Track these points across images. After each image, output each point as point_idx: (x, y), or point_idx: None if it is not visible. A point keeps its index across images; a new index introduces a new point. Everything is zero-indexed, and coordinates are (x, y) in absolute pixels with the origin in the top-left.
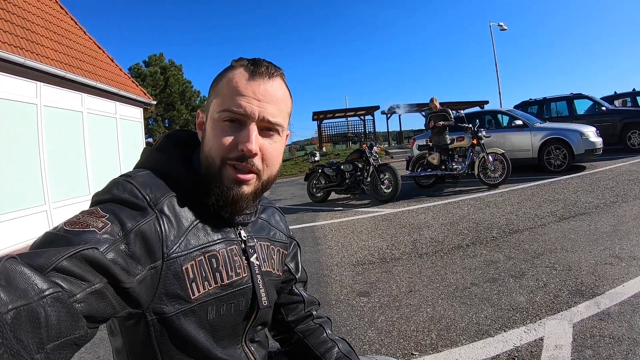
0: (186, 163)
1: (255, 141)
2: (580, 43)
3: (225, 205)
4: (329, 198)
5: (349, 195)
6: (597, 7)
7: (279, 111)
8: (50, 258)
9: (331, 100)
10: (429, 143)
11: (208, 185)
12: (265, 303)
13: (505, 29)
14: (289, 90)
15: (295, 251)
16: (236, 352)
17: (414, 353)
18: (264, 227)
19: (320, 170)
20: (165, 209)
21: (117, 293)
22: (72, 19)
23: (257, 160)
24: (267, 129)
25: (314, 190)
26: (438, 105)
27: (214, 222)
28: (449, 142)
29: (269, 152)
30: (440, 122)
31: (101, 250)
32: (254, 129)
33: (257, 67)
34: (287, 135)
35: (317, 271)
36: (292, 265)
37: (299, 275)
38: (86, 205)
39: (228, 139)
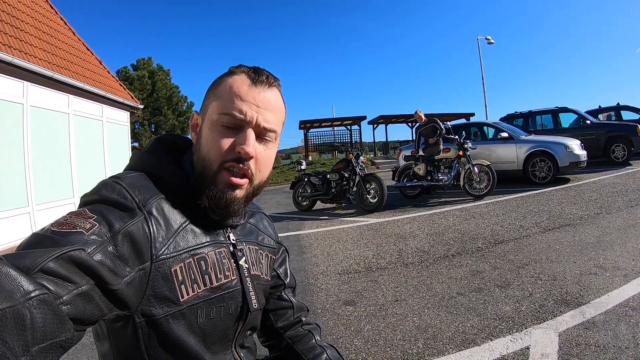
0: (176, 166)
1: (253, 145)
2: (565, 57)
3: (217, 208)
4: (315, 207)
5: (334, 205)
6: (582, 22)
7: (275, 119)
8: (37, 259)
9: (318, 109)
10: (415, 154)
11: (201, 187)
12: (255, 306)
13: (493, 43)
14: (284, 101)
15: (284, 257)
16: (226, 357)
17: None
18: (253, 231)
19: (306, 179)
20: (154, 211)
21: (105, 295)
22: (61, 19)
23: (252, 164)
24: (263, 135)
25: (300, 199)
26: (423, 117)
27: (203, 225)
28: (442, 150)
29: (262, 157)
30: (432, 139)
31: (88, 251)
32: (251, 133)
33: (259, 75)
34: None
35: (303, 280)
36: (280, 271)
37: (287, 280)
38: (70, 208)
39: (226, 142)
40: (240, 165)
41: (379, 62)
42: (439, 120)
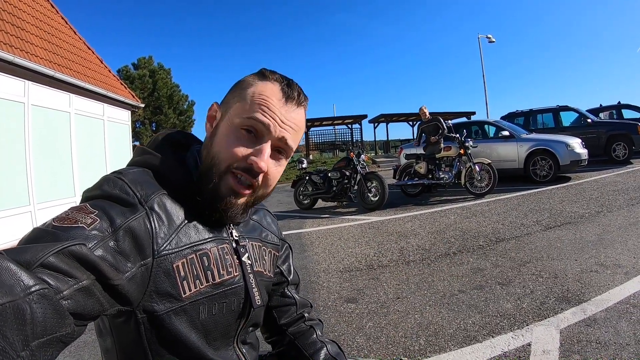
0: (179, 162)
1: (267, 160)
2: (566, 55)
3: (215, 210)
4: (316, 205)
5: (336, 203)
6: (583, 20)
7: (294, 138)
8: (37, 254)
9: (319, 108)
10: (416, 145)
11: (204, 184)
12: (258, 302)
13: (494, 41)
14: (306, 120)
15: (287, 253)
16: (228, 353)
17: (403, 358)
18: (256, 227)
19: (307, 178)
20: (156, 206)
21: (106, 290)
22: (62, 18)
23: (260, 177)
24: (279, 151)
25: (301, 197)
26: (427, 114)
27: (206, 221)
28: (442, 148)
29: (272, 173)
30: (434, 138)
31: (89, 246)
32: (268, 147)
33: (292, 91)
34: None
35: (304, 277)
36: (284, 268)
37: (291, 277)
38: None
39: (241, 150)
40: (249, 176)
41: (379, 61)
42: (442, 119)
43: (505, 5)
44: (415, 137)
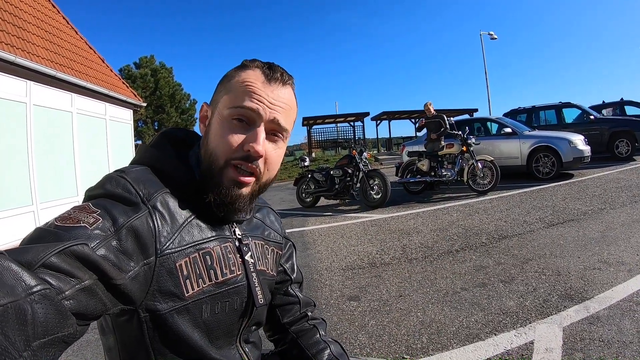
0: (181, 160)
1: (263, 143)
2: (569, 52)
3: (222, 205)
4: (318, 203)
5: (338, 201)
6: (586, 17)
7: (287, 118)
8: (39, 254)
9: (321, 106)
10: (422, 125)
11: (207, 182)
12: (261, 301)
13: (496, 38)
14: (296, 100)
15: (291, 252)
16: (230, 352)
17: (405, 357)
18: (259, 226)
19: (309, 176)
20: (159, 205)
21: (108, 290)
22: (64, 17)
23: (260, 163)
24: (274, 133)
25: (303, 195)
26: (432, 110)
27: (209, 219)
28: (444, 146)
29: (272, 156)
30: (434, 135)
31: (92, 246)
32: (262, 130)
33: (273, 72)
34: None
35: (307, 275)
36: (287, 266)
37: (294, 276)
38: None
39: (235, 139)
40: (249, 164)
41: (381, 59)
42: (446, 118)
43: (507, 2)
44: (417, 128)
